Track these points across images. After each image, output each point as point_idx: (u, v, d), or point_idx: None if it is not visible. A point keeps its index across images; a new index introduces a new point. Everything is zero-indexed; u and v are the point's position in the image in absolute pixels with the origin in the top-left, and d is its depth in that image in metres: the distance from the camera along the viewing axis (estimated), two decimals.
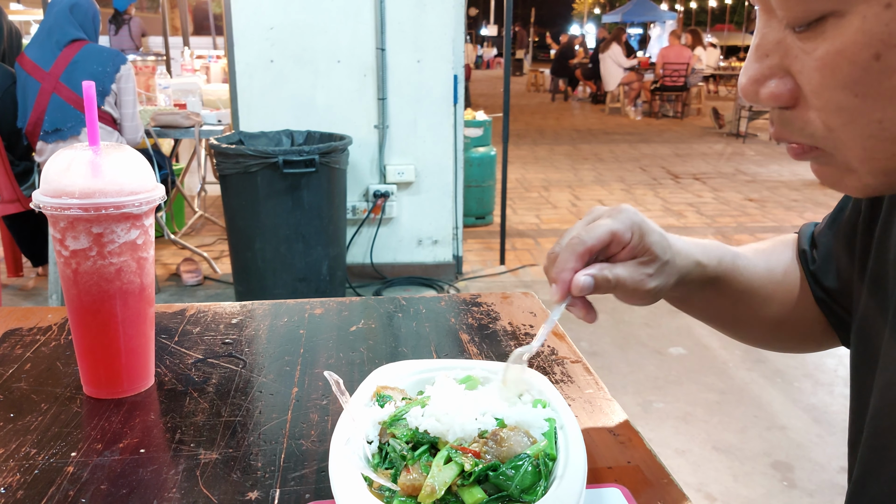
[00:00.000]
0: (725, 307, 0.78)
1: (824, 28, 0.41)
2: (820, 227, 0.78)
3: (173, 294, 3.88)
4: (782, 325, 0.80)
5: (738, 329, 0.83)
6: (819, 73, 0.42)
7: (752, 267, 0.77)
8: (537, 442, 0.56)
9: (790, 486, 2.31)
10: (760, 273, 0.78)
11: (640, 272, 0.66)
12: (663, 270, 0.67)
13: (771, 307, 0.78)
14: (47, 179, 0.73)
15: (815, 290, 0.76)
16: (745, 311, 0.78)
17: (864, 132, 0.42)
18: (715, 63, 14.46)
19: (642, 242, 0.65)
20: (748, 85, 0.47)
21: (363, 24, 3.75)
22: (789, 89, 0.45)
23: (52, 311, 1.02)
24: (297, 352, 0.90)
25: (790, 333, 0.81)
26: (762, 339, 0.84)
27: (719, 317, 0.80)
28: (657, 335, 3.49)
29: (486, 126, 5.30)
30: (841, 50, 0.40)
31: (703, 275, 0.72)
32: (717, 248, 0.75)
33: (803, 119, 0.46)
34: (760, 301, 0.78)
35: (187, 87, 4.54)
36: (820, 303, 0.76)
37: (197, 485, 0.63)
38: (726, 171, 7.79)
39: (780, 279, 0.78)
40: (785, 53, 0.45)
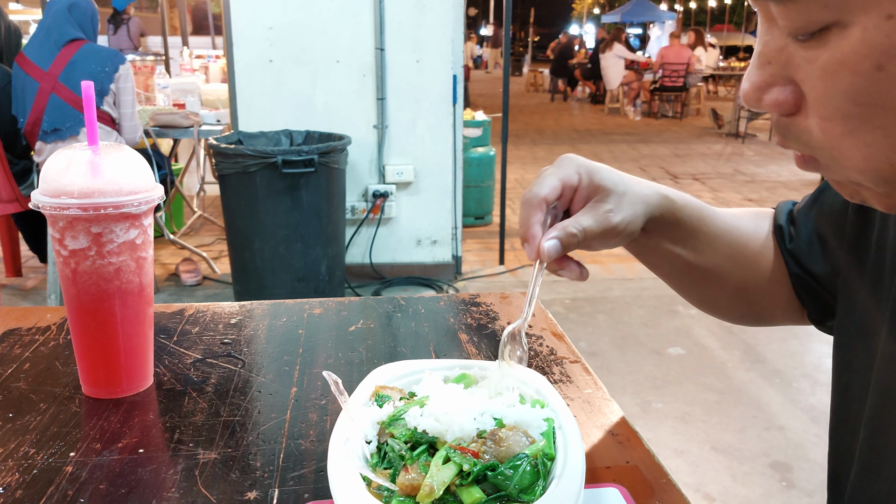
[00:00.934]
0: (691, 260, 0.77)
1: (827, 38, 0.41)
2: (800, 206, 0.78)
3: (172, 294, 3.88)
4: (744, 293, 0.80)
5: (699, 290, 0.82)
6: (822, 81, 0.42)
7: (719, 219, 0.77)
8: (536, 442, 0.56)
9: (789, 486, 2.31)
10: (728, 228, 0.78)
11: (600, 210, 0.67)
12: (623, 202, 0.68)
13: (736, 269, 0.78)
14: (46, 179, 0.73)
15: (793, 269, 0.76)
16: (710, 268, 0.78)
17: (866, 140, 0.42)
18: (714, 63, 14.46)
19: (592, 181, 0.67)
20: (751, 92, 0.47)
21: (362, 24, 3.75)
22: (793, 97, 0.45)
23: (50, 311, 1.02)
24: (296, 352, 0.90)
25: (751, 303, 0.81)
26: (721, 305, 0.84)
27: (685, 272, 0.79)
28: (656, 335, 3.49)
29: (485, 126, 5.30)
30: (843, 60, 0.41)
31: (669, 209, 0.73)
32: (687, 195, 0.76)
33: (801, 127, 0.46)
34: (725, 258, 0.78)
35: (186, 87, 4.54)
36: (797, 281, 0.76)
37: (196, 484, 0.63)
38: (725, 171, 7.80)
39: (747, 243, 0.79)
40: (787, 61, 0.45)
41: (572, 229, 0.66)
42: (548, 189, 0.66)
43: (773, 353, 3.28)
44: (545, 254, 0.64)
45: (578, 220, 0.66)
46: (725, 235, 0.78)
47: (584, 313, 3.77)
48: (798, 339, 3.43)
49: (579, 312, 3.78)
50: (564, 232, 0.65)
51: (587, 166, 0.68)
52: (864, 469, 0.60)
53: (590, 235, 0.66)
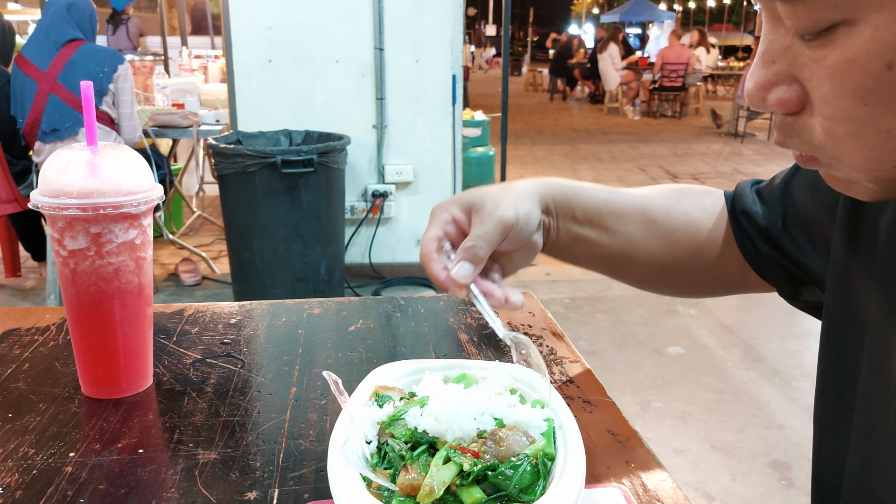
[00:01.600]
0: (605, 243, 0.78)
1: (835, 37, 0.41)
2: (775, 185, 0.77)
3: (172, 294, 3.88)
4: (666, 268, 0.81)
5: (625, 271, 0.83)
6: (829, 81, 0.42)
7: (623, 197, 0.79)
8: (536, 442, 0.56)
9: (788, 485, 2.32)
10: (638, 207, 0.79)
11: (482, 214, 0.70)
12: (502, 201, 0.71)
13: (655, 248, 0.79)
14: (45, 179, 0.73)
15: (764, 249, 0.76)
16: (622, 248, 0.79)
17: (870, 142, 0.42)
18: (713, 63, 14.47)
19: (464, 204, 0.71)
20: (755, 91, 0.46)
21: (361, 24, 3.75)
22: (797, 96, 0.45)
23: (50, 311, 1.02)
24: (296, 352, 0.90)
25: (677, 278, 0.82)
26: (652, 281, 0.84)
27: (605, 256, 0.80)
28: (655, 335, 3.49)
29: (484, 126, 5.30)
30: (853, 59, 0.40)
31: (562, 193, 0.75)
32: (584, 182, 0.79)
33: (804, 126, 0.46)
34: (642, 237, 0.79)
35: (185, 87, 4.54)
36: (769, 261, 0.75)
37: (195, 485, 0.63)
38: (724, 170, 7.80)
39: (660, 219, 0.79)
40: (793, 60, 0.44)
41: (468, 243, 0.69)
42: (427, 243, 0.70)
43: (773, 353, 3.28)
44: (459, 278, 0.68)
45: (471, 233, 0.69)
46: (635, 213, 0.79)
47: (583, 313, 3.77)
48: (797, 339, 3.43)
49: (579, 312, 3.78)
50: (463, 250, 0.69)
51: (454, 199, 0.72)
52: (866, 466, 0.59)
53: (487, 238, 0.68)
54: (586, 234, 0.77)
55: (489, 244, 0.69)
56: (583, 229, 0.77)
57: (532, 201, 0.73)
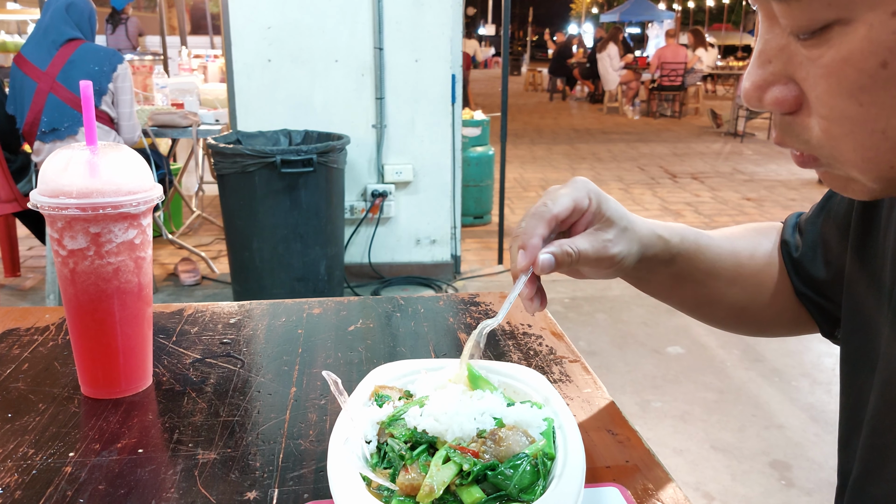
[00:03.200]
0: (688, 287, 0.78)
1: (830, 36, 0.41)
2: (807, 215, 0.78)
3: (171, 294, 3.88)
4: (745, 311, 0.81)
5: (701, 311, 0.83)
6: (825, 80, 0.42)
7: (715, 247, 0.78)
8: (536, 441, 0.56)
9: (788, 484, 2.32)
10: (725, 254, 0.78)
11: (600, 238, 0.68)
12: (623, 236, 0.69)
13: (734, 291, 0.79)
14: (45, 179, 0.73)
15: (796, 280, 0.76)
16: (708, 292, 0.79)
17: (866, 142, 0.42)
18: (712, 62, 14.47)
19: (600, 209, 0.68)
20: (752, 90, 0.47)
21: (361, 24, 3.75)
22: (794, 95, 0.45)
23: (49, 311, 1.02)
24: (296, 351, 0.90)
25: (753, 319, 0.82)
26: (725, 321, 0.84)
27: (682, 297, 0.80)
28: (655, 334, 3.49)
29: (483, 125, 5.30)
30: (847, 58, 0.40)
31: (665, 248, 0.73)
32: (680, 226, 0.77)
33: (802, 125, 0.46)
34: (724, 283, 0.78)
35: (185, 87, 4.53)
36: (801, 294, 0.76)
37: (195, 485, 0.63)
38: (724, 170, 7.80)
39: (746, 262, 0.79)
40: (789, 60, 0.44)
41: (568, 248, 0.66)
42: (560, 208, 0.66)
43: (772, 353, 3.28)
44: (539, 266, 0.65)
45: (576, 242, 0.66)
46: (725, 262, 0.78)
47: (583, 312, 3.77)
48: (797, 339, 3.43)
49: (578, 311, 3.78)
50: (561, 249, 0.66)
51: (598, 193, 0.69)
52: (865, 469, 0.59)
53: (584, 259, 0.66)
54: (673, 282, 0.77)
55: (580, 263, 0.67)
56: (672, 279, 0.76)
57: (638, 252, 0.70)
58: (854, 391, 0.64)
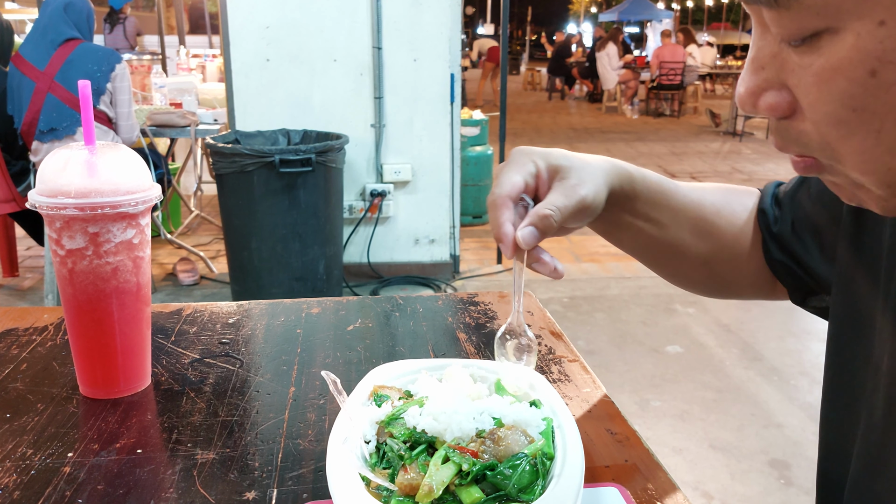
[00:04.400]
0: (652, 232, 0.78)
1: (819, 43, 0.41)
2: (787, 189, 0.77)
3: (170, 294, 3.88)
4: (709, 266, 0.81)
5: (665, 263, 0.83)
6: (816, 87, 0.43)
7: (680, 194, 0.78)
8: (535, 441, 0.56)
9: (787, 483, 2.32)
10: (690, 203, 0.78)
11: (567, 185, 0.68)
12: (584, 175, 0.69)
13: (697, 243, 0.79)
14: (43, 179, 0.73)
15: (776, 254, 0.76)
16: (671, 241, 0.79)
17: (861, 146, 0.43)
18: (711, 62, 14.47)
19: (549, 164, 0.69)
20: (745, 96, 0.47)
21: (359, 23, 3.75)
22: (787, 101, 0.46)
23: (48, 311, 1.02)
24: (294, 351, 0.90)
25: (717, 276, 0.82)
26: (686, 277, 0.84)
27: (647, 244, 0.80)
28: (654, 334, 3.49)
29: (482, 125, 5.30)
30: (836, 66, 0.41)
31: (629, 180, 0.74)
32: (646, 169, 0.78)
33: (800, 130, 0.46)
34: (687, 232, 0.78)
35: (183, 87, 4.53)
36: (780, 266, 0.76)
37: (194, 485, 0.63)
38: (723, 169, 7.81)
39: (711, 216, 0.79)
40: (781, 66, 0.45)
41: (545, 210, 0.66)
42: (509, 186, 0.67)
43: (771, 351, 3.28)
44: (522, 241, 0.65)
45: (549, 200, 0.66)
46: (689, 209, 0.78)
47: (582, 312, 3.77)
48: (796, 338, 3.44)
49: (577, 311, 3.78)
50: (537, 216, 0.65)
51: (540, 153, 0.70)
52: (867, 466, 0.59)
53: (565, 212, 0.66)
54: (638, 224, 0.77)
55: (563, 218, 0.66)
56: (636, 220, 0.77)
57: (605, 184, 0.71)
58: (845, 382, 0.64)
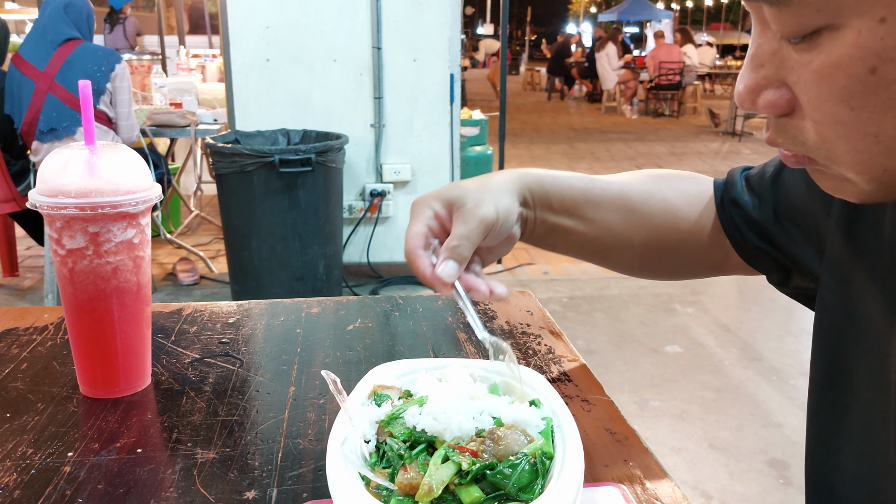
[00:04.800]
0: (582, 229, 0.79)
1: (820, 41, 0.41)
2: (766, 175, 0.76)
3: (170, 293, 3.88)
4: (651, 251, 0.81)
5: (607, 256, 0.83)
6: (815, 85, 0.43)
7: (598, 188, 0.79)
8: (534, 441, 0.56)
9: (786, 483, 2.32)
10: (615, 194, 0.79)
11: (464, 213, 0.70)
12: (482, 197, 0.71)
13: (634, 234, 0.79)
14: (44, 179, 0.73)
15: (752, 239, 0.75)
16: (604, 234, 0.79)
17: (859, 146, 0.43)
18: (711, 62, 14.47)
19: (445, 200, 0.72)
20: (744, 94, 0.47)
21: (359, 23, 3.75)
22: (786, 99, 0.46)
23: (48, 311, 1.02)
24: (294, 351, 0.90)
25: (665, 260, 0.83)
26: (634, 266, 0.85)
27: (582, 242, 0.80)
28: (653, 333, 3.50)
29: (482, 125, 5.30)
30: (837, 63, 0.41)
31: (538, 185, 0.76)
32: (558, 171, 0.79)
33: (798, 127, 0.46)
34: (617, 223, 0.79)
35: (183, 87, 4.53)
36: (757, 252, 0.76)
37: (194, 484, 0.63)
38: (722, 169, 7.80)
39: (640, 206, 0.79)
40: (781, 64, 0.45)
41: (451, 242, 0.69)
42: (414, 238, 0.71)
43: (771, 351, 3.29)
44: (445, 277, 0.68)
45: (453, 232, 0.70)
46: (613, 201, 0.79)
47: (581, 312, 3.77)
48: (795, 337, 3.44)
49: (577, 311, 3.78)
50: (447, 249, 0.69)
51: (434, 195, 0.73)
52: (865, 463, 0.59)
53: (471, 237, 0.69)
54: (564, 224, 0.78)
55: (472, 243, 0.69)
56: (560, 219, 0.78)
57: (511, 196, 0.74)
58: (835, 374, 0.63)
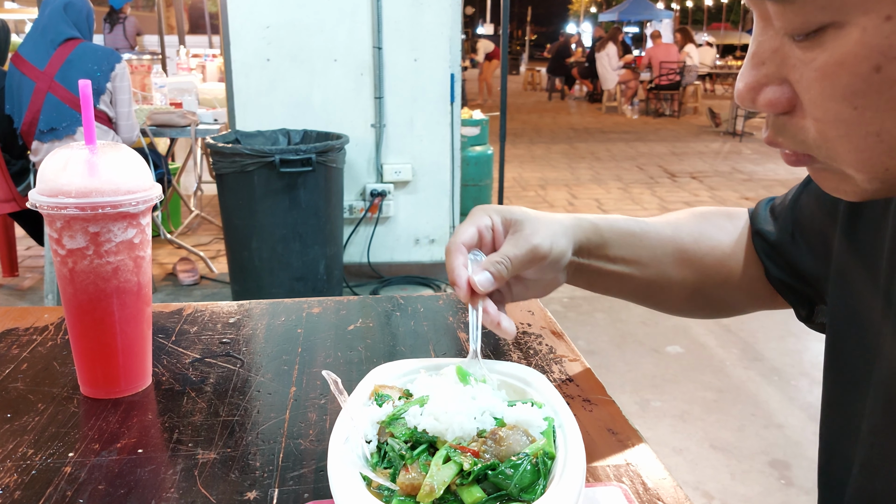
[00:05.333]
0: (635, 272, 0.79)
1: (824, 38, 0.41)
2: (783, 200, 0.77)
3: (170, 294, 3.87)
4: (700, 293, 0.81)
5: (654, 297, 0.84)
6: (818, 83, 0.42)
7: (653, 231, 0.79)
8: (536, 441, 0.56)
9: (787, 483, 2.32)
10: (665, 237, 0.79)
11: (519, 236, 0.71)
12: (539, 227, 0.72)
13: (682, 273, 0.80)
14: (44, 179, 0.73)
15: (771, 266, 0.77)
16: (655, 277, 0.79)
17: (860, 145, 0.42)
18: (711, 62, 14.47)
19: (505, 218, 0.72)
20: (745, 92, 0.47)
21: (360, 23, 3.75)
22: (787, 97, 0.45)
23: (48, 311, 1.02)
24: (295, 351, 0.90)
25: (712, 301, 0.83)
26: (681, 307, 0.85)
27: (633, 285, 0.80)
28: (654, 334, 3.49)
29: (482, 125, 5.30)
30: (841, 61, 0.40)
31: (595, 230, 0.76)
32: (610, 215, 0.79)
33: (798, 126, 0.46)
34: (669, 265, 0.79)
35: (183, 86, 4.53)
36: (776, 279, 0.77)
37: (195, 485, 0.63)
38: (723, 169, 7.80)
39: (691, 246, 0.80)
40: (782, 62, 0.44)
41: (497, 258, 0.69)
42: (464, 235, 0.71)
43: (772, 352, 3.28)
44: (479, 285, 0.68)
45: (501, 250, 0.70)
46: (666, 244, 0.79)
47: (582, 312, 3.77)
48: (796, 338, 3.43)
49: (578, 311, 3.78)
50: (490, 262, 0.69)
51: (498, 208, 0.73)
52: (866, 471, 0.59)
53: (515, 261, 0.69)
54: (619, 270, 0.78)
55: (515, 267, 0.69)
56: (615, 266, 0.78)
57: (567, 240, 0.74)
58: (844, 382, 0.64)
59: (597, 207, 5.95)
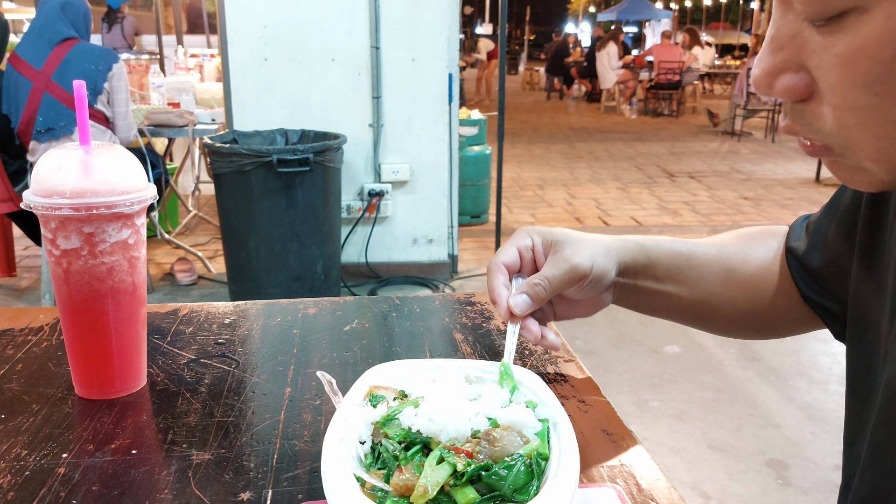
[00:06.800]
0: (682, 293, 0.78)
1: (846, 23, 0.40)
2: (816, 216, 0.77)
3: (167, 294, 3.87)
4: (748, 314, 0.80)
5: (702, 319, 0.83)
6: (838, 69, 0.41)
7: (700, 252, 0.78)
8: (530, 442, 0.56)
9: (785, 484, 2.32)
10: (712, 258, 0.79)
11: (559, 257, 0.71)
12: (580, 247, 0.72)
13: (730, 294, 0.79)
14: (38, 179, 0.72)
15: (801, 284, 0.75)
16: (703, 298, 0.79)
17: (879, 133, 0.41)
18: (710, 62, 14.48)
19: (546, 239, 0.73)
20: (762, 77, 0.46)
21: (357, 23, 3.75)
22: (805, 83, 0.44)
23: (43, 312, 1.01)
24: (291, 352, 0.90)
25: (758, 322, 0.82)
26: (727, 327, 0.84)
27: (680, 306, 0.80)
28: (652, 333, 3.50)
29: (481, 124, 5.30)
30: (863, 47, 0.39)
31: (642, 252, 0.76)
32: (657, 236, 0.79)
33: (815, 113, 0.45)
34: (717, 287, 0.78)
35: (181, 86, 4.52)
36: (808, 298, 0.76)
37: (189, 486, 0.63)
38: (721, 169, 7.81)
39: (739, 266, 0.79)
40: (801, 47, 0.43)
41: (535, 279, 0.70)
42: (504, 255, 0.73)
43: (769, 352, 3.29)
44: (515, 307, 0.69)
45: (541, 272, 0.71)
46: (713, 264, 0.79)
47: None
48: (794, 338, 3.43)
49: None
50: (528, 285, 0.70)
51: (540, 229, 0.74)
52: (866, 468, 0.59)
53: (553, 281, 0.70)
54: (666, 290, 0.78)
55: (553, 288, 0.70)
56: (663, 286, 0.78)
57: (611, 260, 0.73)
58: (861, 392, 0.64)
59: (595, 207, 5.95)
